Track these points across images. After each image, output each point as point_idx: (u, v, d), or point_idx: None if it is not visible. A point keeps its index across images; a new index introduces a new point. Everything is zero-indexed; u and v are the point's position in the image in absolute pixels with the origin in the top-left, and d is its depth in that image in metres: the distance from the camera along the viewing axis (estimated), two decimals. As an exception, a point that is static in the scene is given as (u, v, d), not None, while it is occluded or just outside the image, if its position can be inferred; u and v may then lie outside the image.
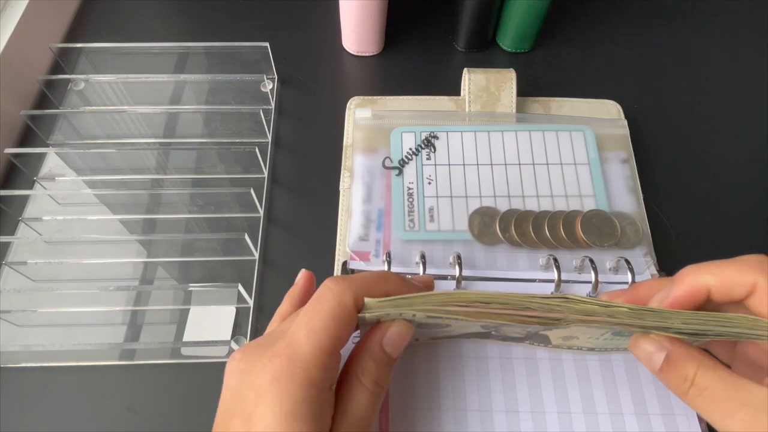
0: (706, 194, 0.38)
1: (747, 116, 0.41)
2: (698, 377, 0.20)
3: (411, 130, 0.37)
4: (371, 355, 0.22)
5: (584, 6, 0.48)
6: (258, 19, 0.47)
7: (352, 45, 0.44)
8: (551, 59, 0.44)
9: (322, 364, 0.20)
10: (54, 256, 0.35)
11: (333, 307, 0.21)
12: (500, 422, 0.28)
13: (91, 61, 0.43)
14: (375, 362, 0.22)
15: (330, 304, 0.21)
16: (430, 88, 0.41)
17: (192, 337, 0.32)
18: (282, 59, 0.43)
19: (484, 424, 0.28)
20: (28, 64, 0.40)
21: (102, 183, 0.38)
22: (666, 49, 0.45)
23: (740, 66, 0.44)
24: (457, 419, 0.28)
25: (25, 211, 0.36)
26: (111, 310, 0.33)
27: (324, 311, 0.21)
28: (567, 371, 0.29)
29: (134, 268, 0.34)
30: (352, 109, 0.39)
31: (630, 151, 0.37)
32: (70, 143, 0.39)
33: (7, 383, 0.30)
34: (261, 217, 0.36)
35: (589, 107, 0.40)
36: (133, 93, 0.41)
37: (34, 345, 0.31)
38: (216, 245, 0.35)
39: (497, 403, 0.28)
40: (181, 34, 0.46)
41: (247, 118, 0.40)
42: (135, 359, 0.31)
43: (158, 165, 0.38)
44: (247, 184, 0.34)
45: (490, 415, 0.28)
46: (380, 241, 0.33)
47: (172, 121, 0.40)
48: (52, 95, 0.41)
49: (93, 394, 0.30)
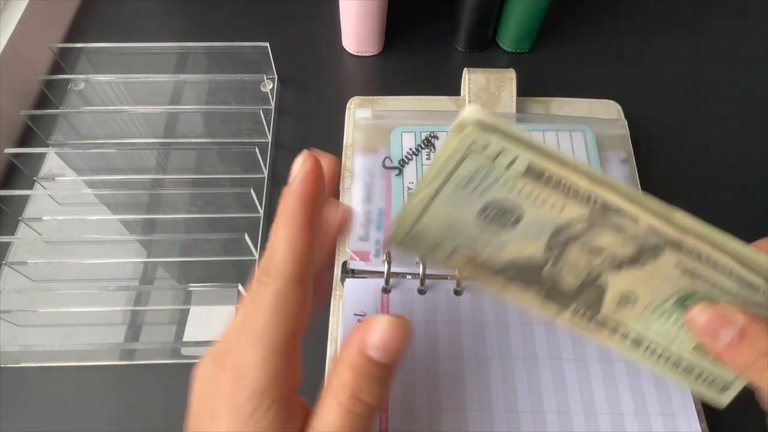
0: (706, 194, 0.38)
1: (747, 116, 0.41)
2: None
3: (411, 130, 0.37)
4: (349, 362, 0.18)
5: (584, 6, 0.48)
6: (258, 19, 0.47)
7: (352, 45, 0.44)
8: (551, 59, 0.44)
9: (273, 368, 0.17)
10: (54, 256, 0.35)
11: (269, 300, 0.18)
12: (500, 422, 0.28)
13: (91, 61, 0.43)
14: (354, 372, 0.18)
15: (266, 299, 0.18)
16: (430, 88, 0.41)
17: (192, 337, 0.32)
18: (282, 59, 0.43)
19: (484, 424, 0.28)
20: (28, 64, 0.40)
21: (102, 183, 0.38)
22: (666, 49, 0.45)
23: (740, 66, 0.44)
24: (456, 419, 0.28)
25: (25, 211, 0.36)
26: (111, 310, 0.33)
27: (261, 309, 0.18)
28: (567, 371, 0.29)
29: (134, 268, 0.34)
30: (352, 109, 0.39)
31: (630, 151, 0.37)
32: (70, 143, 0.39)
33: (7, 383, 0.30)
34: (261, 217, 0.36)
35: (589, 107, 0.40)
36: (133, 93, 0.41)
37: (34, 345, 0.31)
38: (216, 245, 0.35)
39: (497, 403, 0.28)
40: (181, 34, 0.46)
41: (247, 118, 0.40)
42: (135, 359, 0.31)
43: (158, 165, 0.38)
44: (247, 184, 0.34)
45: (490, 415, 0.28)
46: (380, 241, 0.33)
47: (172, 121, 0.40)
48: (52, 95, 0.41)
49: (93, 394, 0.30)
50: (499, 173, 0.18)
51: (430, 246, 0.20)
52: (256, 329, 0.17)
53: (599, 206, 0.18)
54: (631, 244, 0.19)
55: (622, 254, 0.19)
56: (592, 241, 0.19)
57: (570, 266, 0.20)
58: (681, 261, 0.19)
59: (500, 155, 0.17)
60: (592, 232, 0.19)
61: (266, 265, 0.19)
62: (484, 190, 0.18)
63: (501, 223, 0.19)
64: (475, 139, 0.17)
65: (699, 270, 0.19)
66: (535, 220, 0.19)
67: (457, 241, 0.20)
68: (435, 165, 0.18)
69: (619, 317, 0.21)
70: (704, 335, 0.20)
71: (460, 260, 0.20)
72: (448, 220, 0.19)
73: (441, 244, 0.20)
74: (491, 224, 0.19)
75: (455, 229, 0.19)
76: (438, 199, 0.19)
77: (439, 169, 0.18)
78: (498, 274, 0.20)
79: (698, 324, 0.20)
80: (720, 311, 0.20)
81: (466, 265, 0.20)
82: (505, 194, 0.18)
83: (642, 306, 0.21)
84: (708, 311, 0.20)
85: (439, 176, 0.18)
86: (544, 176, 0.17)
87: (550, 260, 0.20)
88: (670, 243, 0.19)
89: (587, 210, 0.18)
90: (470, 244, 0.20)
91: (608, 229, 0.19)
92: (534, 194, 0.18)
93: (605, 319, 0.21)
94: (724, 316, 0.19)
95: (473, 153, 0.17)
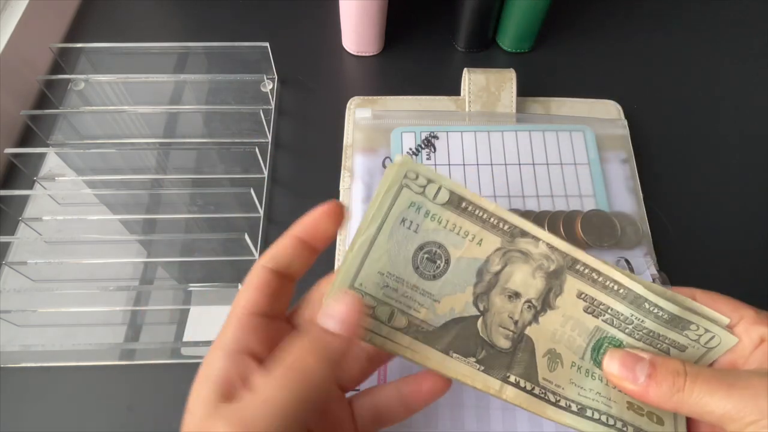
0: (706, 194, 0.38)
1: (747, 116, 0.41)
2: (687, 366, 0.20)
3: (411, 130, 0.37)
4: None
5: (584, 6, 0.48)
6: (258, 19, 0.47)
7: (352, 45, 0.44)
8: (551, 59, 0.44)
9: (234, 363, 0.19)
10: (54, 256, 0.35)
11: (239, 317, 0.20)
12: (497, 419, 0.28)
13: (91, 61, 0.43)
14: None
15: (235, 315, 0.20)
16: (430, 88, 0.41)
17: (192, 337, 0.32)
18: (282, 59, 0.43)
19: (481, 420, 0.28)
20: (28, 64, 0.40)
21: (102, 183, 0.38)
22: (666, 49, 0.45)
23: (740, 65, 0.44)
24: (453, 416, 0.28)
25: (25, 211, 0.36)
26: (111, 310, 0.33)
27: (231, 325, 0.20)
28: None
29: (134, 268, 0.34)
30: (352, 109, 0.39)
31: (630, 151, 0.37)
32: (70, 143, 0.39)
33: (7, 383, 0.30)
34: (261, 217, 0.36)
35: (589, 107, 0.40)
36: (133, 93, 0.41)
37: (34, 345, 0.31)
38: (216, 245, 0.35)
39: (494, 399, 0.28)
40: (181, 34, 0.46)
41: (247, 118, 0.40)
42: (135, 359, 0.31)
43: (158, 165, 0.38)
44: (247, 184, 0.34)
45: (487, 412, 0.28)
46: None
47: (172, 121, 0.40)
48: (52, 95, 0.41)
49: (93, 394, 0.30)
50: (428, 207, 0.21)
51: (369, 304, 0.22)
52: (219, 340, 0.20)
53: (508, 232, 0.21)
54: (539, 275, 0.22)
55: (535, 292, 0.22)
56: (508, 282, 0.22)
57: (498, 319, 0.22)
58: (581, 289, 0.22)
59: (428, 186, 0.21)
60: (507, 270, 0.22)
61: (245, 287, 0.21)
62: (417, 226, 0.21)
63: (432, 270, 0.22)
64: (408, 169, 0.20)
65: (598, 298, 0.22)
66: (459, 263, 0.22)
67: (394, 302, 0.22)
68: (375, 202, 0.21)
69: (555, 383, 0.22)
70: (624, 379, 0.21)
71: (399, 324, 0.22)
72: (386, 268, 0.21)
73: (379, 304, 0.22)
74: (423, 275, 0.22)
75: (392, 284, 0.22)
76: (380, 236, 0.21)
77: (380, 203, 0.21)
78: (437, 342, 0.22)
79: (614, 370, 0.21)
80: (627, 352, 0.21)
81: (405, 333, 0.22)
82: (433, 230, 0.21)
83: (568, 364, 0.23)
84: (617, 353, 0.21)
85: (381, 211, 0.21)
86: (463, 204, 0.21)
87: (481, 316, 0.22)
88: (567, 263, 0.22)
89: (500, 239, 0.21)
90: (407, 304, 0.22)
91: (518, 260, 0.22)
92: (457, 226, 0.21)
93: (545, 387, 0.22)
94: (632, 354, 0.21)
95: (408, 183, 0.21)
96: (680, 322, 0.22)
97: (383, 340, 0.22)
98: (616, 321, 0.22)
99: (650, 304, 0.21)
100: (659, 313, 0.21)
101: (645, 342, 0.22)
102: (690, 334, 0.22)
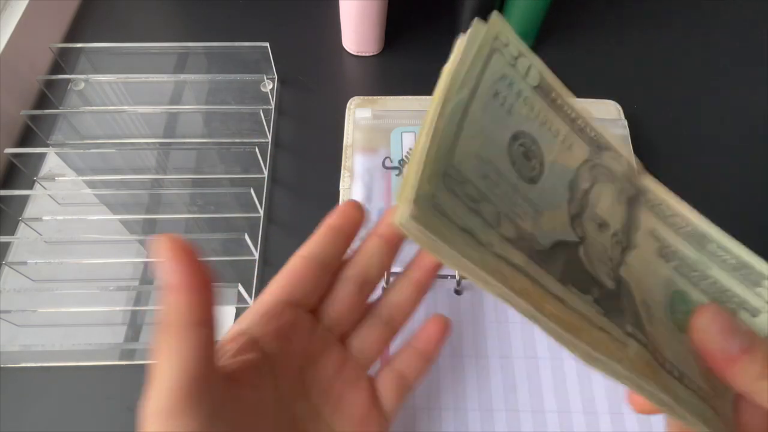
0: (706, 194, 0.37)
1: (747, 116, 0.41)
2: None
3: (411, 130, 0.37)
4: None
5: (584, 6, 0.48)
6: (258, 19, 0.47)
7: (352, 45, 0.44)
8: (551, 59, 0.44)
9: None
10: (54, 256, 0.35)
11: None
12: (500, 421, 0.28)
13: (91, 61, 0.43)
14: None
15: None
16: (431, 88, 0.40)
17: (192, 337, 0.32)
18: (282, 59, 0.43)
19: (484, 423, 0.28)
20: (28, 64, 0.40)
21: (102, 183, 0.38)
22: (666, 49, 0.45)
23: (740, 65, 0.44)
24: (457, 418, 0.28)
25: (25, 211, 0.36)
26: (111, 310, 0.33)
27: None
28: (567, 371, 0.29)
29: (134, 268, 0.34)
30: (352, 109, 0.39)
31: (630, 151, 0.37)
32: (70, 143, 0.39)
33: (7, 383, 0.30)
34: (261, 217, 0.36)
35: (589, 107, 0.40)
36: (133, 93, 0.41)
37: (34, 345, 0.31)
38: (216, 245, 0.35)
39: (497, 402, 0.28)
40: (181, 34, 0.46)
41: (247, 118, 0.40)
42: (135, 359, 0.31)
43: (158, 165, 0.38)
44: (247, 184, 0.34)
45: (490, 414, 0.28)
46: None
47: (172, 121, 0.40)
48: (52, 95, 0.41)
49: (93, 394, 0.30)
50: (520, 85, 0.17)
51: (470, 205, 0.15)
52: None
53: (594, 141, 0.18)
54: (622, 201, 0.19)
55: (620, 223, 0.18)
56: (597, 206, 0.18)
57: (594, 251, 0.18)
58: (654, 226, 0.19)
59: (519, 59, 0.17)
60: (596, 190, 0.18)
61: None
62: (510, 107, 0.16)
63: (528, 171, 0.17)
64: (499, 30, 0.16)
65: (669, 239, 0.19)
66: (554, 168, 0.17)
67: (497, 199, 0.15)
68: (462, 62, 0.15)
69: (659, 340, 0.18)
70: (714, 344, 0.17)
71: (508, 232, 0.15)
72: (484, 152, 0.15)
73: (483, 200, 0.15)
74: (522, 175, 0.17)
75: (492, 175, 0.16)
76: (474, 105, 0.15)
77: (471, 63, 0.15)
78: (552, 268, 0.16)
79: (711, 331, 0.17)
80: (726, 313, 0.17)
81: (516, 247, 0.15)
82: (525, 118, 0.17)
83: (658, 318, 0.18)
84: (717, 313, 0.17)
85: (472, 74, 0.15)
86: (552, 94, 0.18)
87: (581, 243, 0.17)
88: (642, 189, 0.19)
89: (588, 148, 0.18)
90: (509, 205, 0.16)
91: (605, 178, 0.19)
92: (549, 120, 0.18)
93: (654, 345, 0.17)
94: (732, 319, 0.17)
95: (499, 48, 0.16)
96: (750, 272, 0.18)
97: (495, 259, 0.14)
98: (684, 268, 0.19)
99: (716, 246, 0.18)
100: (725, 256, 0.18)
101: (712, 298, 0.18)
102: (763, 293, 0.18)
